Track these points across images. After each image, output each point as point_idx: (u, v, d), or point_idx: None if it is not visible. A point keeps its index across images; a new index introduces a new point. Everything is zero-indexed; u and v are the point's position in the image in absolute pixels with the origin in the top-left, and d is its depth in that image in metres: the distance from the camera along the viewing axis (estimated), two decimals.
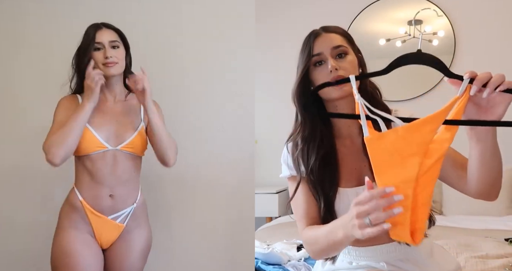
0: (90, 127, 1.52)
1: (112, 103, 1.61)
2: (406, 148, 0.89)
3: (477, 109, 0.93)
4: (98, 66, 1.54)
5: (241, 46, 1.93)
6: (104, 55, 1.53)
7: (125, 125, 1.57)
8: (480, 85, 0.88)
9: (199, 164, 1.93)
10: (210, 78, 1.93)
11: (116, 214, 1.56)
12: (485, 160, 0.97)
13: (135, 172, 1.61)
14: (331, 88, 1.12)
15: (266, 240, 2.24)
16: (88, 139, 1.51)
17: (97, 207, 1.54)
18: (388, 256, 1.19)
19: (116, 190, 1.55)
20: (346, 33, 1.22)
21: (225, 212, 1.93)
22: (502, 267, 1.69)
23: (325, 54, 1.15)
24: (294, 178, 1.23)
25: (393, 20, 3.56)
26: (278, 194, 3.38)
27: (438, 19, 3.44)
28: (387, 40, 3.52)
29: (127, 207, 1.58)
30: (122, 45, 1.58)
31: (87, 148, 1.51)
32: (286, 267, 1.80)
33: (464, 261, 1.76)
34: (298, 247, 2.08)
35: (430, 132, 0.89)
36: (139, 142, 1.57)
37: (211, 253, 1.93)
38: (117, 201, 1.56)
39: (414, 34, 3.47)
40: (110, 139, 1.54)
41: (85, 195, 1.54)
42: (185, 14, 1.94)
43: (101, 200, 1.54)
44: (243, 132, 1.92)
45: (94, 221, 1.55)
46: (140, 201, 1.63)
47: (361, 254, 1.22)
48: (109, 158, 1.53)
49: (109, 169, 1.53)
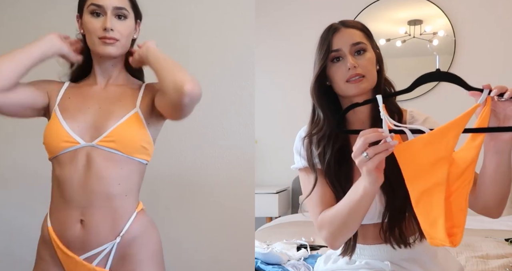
0: (59, 116, 1.10)
1: (101, 88, 1.18)
2: (433, 154, 0.94)
3: (496, 122, 0.97)
4: (90, 39, 1.11)
5: (241, 46, 1.93)
6: (103, 25, 1.10)
7: (110, 113, 1.11)
8: (500, 91, 0.93)
9: (199, 164, 1.92)
10: (210, 78, 1.93)
11: (89, 253, 1.07)
12: (500, 173, 0.99)
13: (124, 185, 1.10)
14: (349, 85, 1.12)
15: (266, 240, 2.24)
16: (55, 132, 1.08)
17: (64, 240, 1.07)
18: (393, 255, 1.19)
19: (88, 212, 1.06)
20: (365, 28, 1.19)
21: (225, 212, 1.92)
22: (502, 267, 1.69)
23: (344, 50, 1.13)
24: (307, 169, 1.22)
25: (393, 20, 3.56)
26: (278, 194, 3.38)
27: (438, 19, 3.44)
28: (387, 40, 3.52)
29: (106, 243, 1.07)
30: (132, 15, 1.15)
31: (53, 145, 1.08)
32: (286, 267, 1.80)
33: (465, 261, 1.76)
34: (298, 247, 2.09)
35: (454, 138, 0.93)
36: (126, 133, 1.08)
37: (211, 253, 1.93)
38: (89, 231, 1.06)
39: (414, 34, 3.48)
40: (86, 133, 1.09)
41: (53, 220, 1.10)
42: (185, 14, 1.93)
43: (69, 229, 1.07)
44: (243, 133, 1.92)
45: (64, 260, 1.08)
46: (134, 233, 1.10)
47: (366, 252, 1.22)
48: (81, 159, 1.07)
49: (80, 178, 1.07)
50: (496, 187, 1.01)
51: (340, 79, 1.13)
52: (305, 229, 2.47)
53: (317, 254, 1.91)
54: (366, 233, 1.21)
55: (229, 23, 1.93)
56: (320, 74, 1.16)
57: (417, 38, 3.46)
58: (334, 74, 1.14)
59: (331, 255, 1.35)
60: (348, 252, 1.22)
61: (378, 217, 1.18)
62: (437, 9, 3.43)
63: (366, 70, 1.12)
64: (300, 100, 3.69)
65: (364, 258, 1.22)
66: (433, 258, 1.23)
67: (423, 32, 3.46)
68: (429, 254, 1.22)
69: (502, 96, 0.93)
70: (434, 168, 0.94)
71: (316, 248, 2.12)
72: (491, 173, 1.00)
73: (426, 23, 3.47)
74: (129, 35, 1.15)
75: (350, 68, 1.11)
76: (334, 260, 1.31)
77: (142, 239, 1.12)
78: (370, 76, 1.13)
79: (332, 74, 1.15)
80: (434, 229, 0.96)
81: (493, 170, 0.99)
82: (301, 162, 1.24)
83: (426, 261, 1.21)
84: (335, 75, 1.14)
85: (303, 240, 2.21)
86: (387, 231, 1.16)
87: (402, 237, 1.16)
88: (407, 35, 3.48)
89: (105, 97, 1.15)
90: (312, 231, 2.41)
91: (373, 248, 1.21)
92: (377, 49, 1.20)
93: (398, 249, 1.18)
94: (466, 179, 0.95)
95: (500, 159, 0.97)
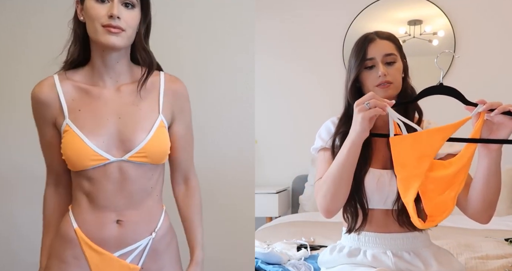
0: (79, 132, 1.04)
1: (112, 91, 1.09)
2: (420, 150, 1.11)
3: (489, 134, 1.12)
4: (92, 27, 1.01)
5: (241, 46, 1.93)
6: (109, 11, 0.99)
7: (133, 122, 1.07)
8: (490, 107, 1.08)
9: (199, 164, 1.92)
10: (210, 78, 1.93)
11: (125, 250, 1.09)
12: (489, 178, 1.14)
13: (155, 187, 1.14)
14: (378, 89, 1.28)
15: (266, 240, 2.24)
16: (79, 150, 1.03)
17: (97, 239, 1.07)
18: (396, 245, 1.30)
19: (126, 214, 1.08)
20: (397, 40, 1.36)
21: (225, 212, 1.92)
22: (502, 268, 1.69)
23: (377, 59, 1.29)
24: (326, 150, 1.35)
25: (393, 20, 3.56)
26: (278, 194, 3.38)
27: (438, 19, 3.44)
28: None
29: (142, 239, 1.11)
30: (139, 6, 1.05)
31: (79, 162, 1.04)
32: (286, 266, 1.80)
33: (464, 262, 1.76)
34: (298, 247, 2.09)
35: (440, 141, 1.10)
36: (157, 146, 1.08)
37: (211, 253, 1.93)
38: (126, 229, 1.08)
39: (414, 34, 3.48)
40: (112, 146, 1.05)
41: (81, 222, 1.08)
42: (185, 15, 1.94)
43: (104, 228, 1.07)
44: (243, 133, 1.92)
45: (93, 260, 1.08)
46: (163, 230, 1.15)
47: (370, 240, 1.31)
48: (113, 172, 1.06)
49: (115, 186, 1.07)
50: (486, 191, 1.16)
51: (370, 84, 1.30)
52: (305, 229, 2.47)
53: (317, 254, 1.91)
54: (371, 218, 1.30)
55: (229, 23, 1.94)
56: (355, 79, 1.33)
57: (417, 38, 3.46)
58: (366, 79, 1.31)
59: (337, 245, 1.40)
60: (354, 230, 1.31)
61: (385, 202, 1.29)
62: (437, 9, 3.43)
63: (394, 79, 1.29)
64: (300, 101, 3.72)
65: (368, 246, 1.31)
66: (435, 253, 1.30)
67: (423, 32, 3.46)
68: (430, 249, 1.31)
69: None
70: (417, 162, 1.11)
71: (316, 248, 2.12)
72: (481, 176, 1.15)
73: (426, 23, 3.47)
74: (136, 26, 1.05)
75: (381, 75, 1.27)
76: (339, 249, 1.37)
77: (168, 236, 1.17)
78: (397, 84, 1.31)
79: (364, 79, 1.32)
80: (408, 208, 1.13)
81: (483, 174, 1.14)
82: (320, 143, 1.37)
83: (427, 256, 1.28)
84: (367, 80, 1.31)
85: (303, 240, 2.21)
86: (402, 213, 1.26)
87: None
88: (407, 35, 3.48)
89: (121, 104, 1.08)
90: (312, 231, 2.42)
91: (378, 236, 1.30)
92: (404, 58, 1.36)
93: (402, 240, 1.29)
94: (457, 181, 1.10)
95: (490, 164, 1.13)
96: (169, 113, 1.13)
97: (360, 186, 1.28)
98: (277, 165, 3.75)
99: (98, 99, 1.08)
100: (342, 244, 1.38)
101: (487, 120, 1.11)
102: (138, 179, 1.09)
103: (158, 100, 1.11)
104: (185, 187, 1.27)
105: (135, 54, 1.10)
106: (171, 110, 1.13)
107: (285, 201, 3.60)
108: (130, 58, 1.12)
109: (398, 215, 1.28)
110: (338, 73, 3.36)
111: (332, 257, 1.37)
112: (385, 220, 1.31)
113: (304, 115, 3.63)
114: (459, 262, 1.36)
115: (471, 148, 1.11)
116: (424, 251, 1.30)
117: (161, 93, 1.11)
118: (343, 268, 1.31)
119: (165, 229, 1.16)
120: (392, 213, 1.29)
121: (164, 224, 1.16)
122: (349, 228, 1.32)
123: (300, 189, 3.53)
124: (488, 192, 1.16)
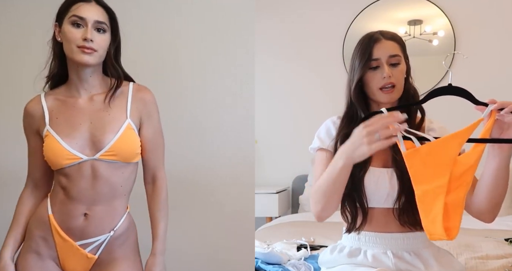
0: (56, 136, 1.21)
1: (86, 101, 1.26)
2: (438, 159, 1.08)
3: (500, 133, 1.10)
4: (69, 47, 1.20)
5: (241, 46, 1.93)
6: (83, 35, 1.18)
7: (103, 126, 1.23)
8: (500, 106, 1.07)
9: (199, 164, 1.92)
10: (210, 78, 1.93)
11: (86, 241, 1.25)
12: (497, 177, 1.12)
13: (124, 186, 1.28)
14: (381, 93, 1.27)
15: (266, 240, 2.24)
16: (56, 151, 1.21)
17: (65, 227, 1.24)
18: (396, 245, 1.28)
19: (93, 209, 1.24)
20: (401, 41, 1.34)
21: (225, 212, 1.92)
22: (502, 268, 1.69)
23: (382, 60, 1.28)
24: (323, 150, 1.34)
25: (393, 20, 3.56)
26: (278, 194, 3.38)
27: (438, 19, 3.44)
28: None
29: (102, 235, 1.26)
30: (109, 30, 1.24)
31: (56, 162, 1.21)
32: (286, 266, 1.80)
33: (464, 262, 1.76)
34: (298, 247, 2.09)
35: (458, 146, 1.07)
36: (125, 145, 1.23)
37: (211, 253, 1.93)
38: (90, 223, 1.24)
39: (414, 34, 3.48)
40: (85, 147, 1.22)
41: (55, 210, 1.25)
42: (184, 15, 1.93)
43: (72, 219, 1.23)
44: (243, 133, 1.92)
45: (59, 244, 1.25)
46: (122, 229, 1.29)
47: (371, 240, 1.30)
48: (86, 169, 1.22)
49: (88, 183, 1.23)
50: (492, 191, 1.14)
51: (374, 86, 1.28)
52: (305, 229, 2.47)
53: (317, 254, 1.91)
54: (371, 217, 1.29)
55: (229, 23, 1.94)
56: (360, 79, 1.30)
57: (417, 38, 3.46)
58: (370, 80, 1.29)
59: (337, 245, 1.40)
60: (354, 229, 1.30)
61: (385, 201, 1.28)
62: (437, 9, 3.43)
63: (397, 80, 1.28)
64: (301, 101, 3.72)
65: (369, 246, 1.30)
66: (435, 254, 1.29)
67: (423, 32, 3.46)
68: (430, 249, 1.30)
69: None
70: (437, 172, 1.07)
71: (316, 248, 2.12)
72: (489, 176, 1.13)
73: (426, 23, 3.47)
74: (106, 47, 1.24)
75: (386, 77, 1.26)
76: (339, 249, 1.36)
77: (125, 235, 1.31)
78: (400, 86, 1.29)
79: (368, 79, 1.29)
80: (433, 225, 1.08)
81: (492, 173, 1.12)
82: (318, 143, 1.36)
83: (428, 256, 1.27)
84: (371, 81, 1.29)
85: (303, 240, 2.21)
86: (403, 212, 1.25)
87: (417, 217, 1.20)
88: (407, 35, 3.48)
89: (93, 111, 1.25)
90: (312, 231, 2.42)
91: (378, 236, 1.29)
92: (407, 59, 1.35)
93: (402, 240, 1.28)
94: (464, 181, 1.08)
95: (499, 163, 1.11)
96: (136, 118, 1.28)
97: (359, 185, 1.27)
98: (277, 165, 3.75)
99: (73, 108, 1.26)
100: (342, 244, 1.38)
101: (498, 120, 1.09)
102: (109, 177, 1.24)
103: (126, 107, 1.27)
104: (152, 185, 1.37)
105: (105, 70, 1.29)
106: (138, 115, 1.28)
107: (285, 201, 3.60)
108: (103, 71, 1.29)
109: (399, 214, 1.27)
110: (338, 73, 3.37)
111: (332, 257, 1.36)
112: (385, 219, 1.30)
113: (304, 115, 3.63)
114: (459, 263, 1.36)
115: (479, 148, 1.09)
116: (424, 251, 1.29)
117: (129, 100, 1.28)
118: (344, 268, 1.31)
119: (124, 229, 1.30)
120: (393, 212, 1.28)
121: (123, 224, 1.29)
122: (349, 227, 1.31)
123: (300, 189, 3.53)
124: (496, 192, 1.15)
